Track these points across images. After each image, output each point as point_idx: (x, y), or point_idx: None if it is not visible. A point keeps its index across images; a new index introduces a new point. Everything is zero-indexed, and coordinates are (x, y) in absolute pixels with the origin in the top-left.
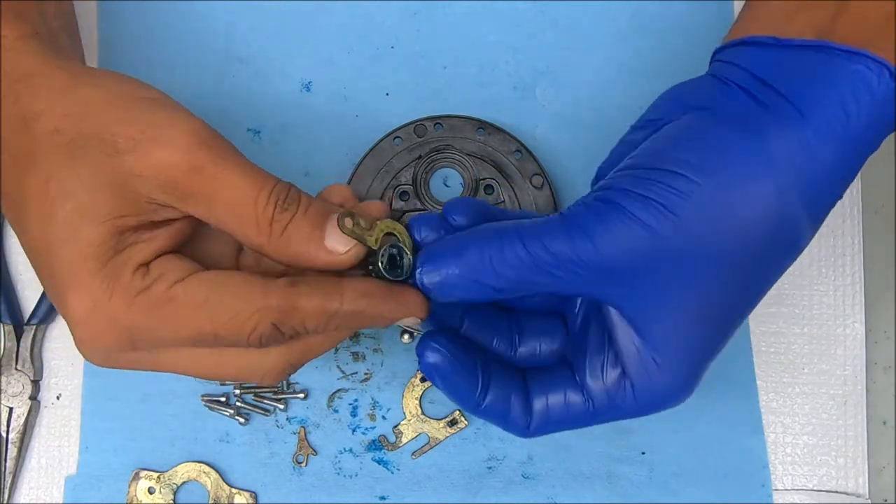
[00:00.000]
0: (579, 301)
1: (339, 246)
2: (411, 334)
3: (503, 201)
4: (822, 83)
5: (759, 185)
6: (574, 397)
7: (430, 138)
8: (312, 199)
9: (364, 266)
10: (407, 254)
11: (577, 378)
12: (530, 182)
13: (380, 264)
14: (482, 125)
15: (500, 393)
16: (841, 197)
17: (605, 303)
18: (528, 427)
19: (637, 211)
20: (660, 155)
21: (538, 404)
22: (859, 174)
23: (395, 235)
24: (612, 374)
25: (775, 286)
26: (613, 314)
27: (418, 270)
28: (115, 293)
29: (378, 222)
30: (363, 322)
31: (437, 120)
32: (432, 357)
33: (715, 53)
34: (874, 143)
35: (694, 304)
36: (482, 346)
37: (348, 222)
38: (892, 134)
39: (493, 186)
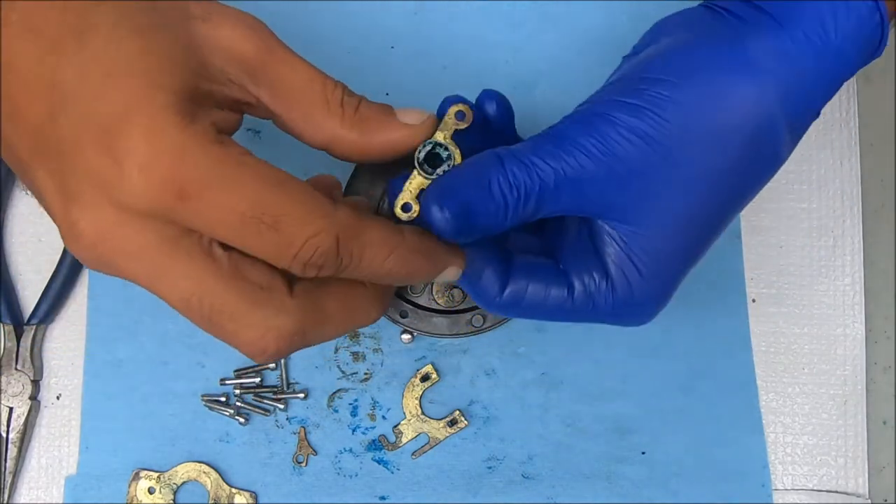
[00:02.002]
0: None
1: (412, 118)
2: (411, 334)
3: None
4: None
5: (742, 88)
6: (556, 288)
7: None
8: None
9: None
10: (449, 149)
11: (562, 268)
12: None
13: (419, 155)
14: None
15: (478, 257)
16: (818, 115)
17: (594, 215)
18: (496, 297)
19: (626, 118)
20: (646, 67)
21: (515, 281)
22: (859, 174)
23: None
24: (595, 275)
25: (775, 286)
26: (601, 221)
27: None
28: (189, 131)
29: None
30: (413, 268)
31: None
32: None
33: None
34: (856, 61)
35: (680, 210)
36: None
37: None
38: (892, 134)
39: None
